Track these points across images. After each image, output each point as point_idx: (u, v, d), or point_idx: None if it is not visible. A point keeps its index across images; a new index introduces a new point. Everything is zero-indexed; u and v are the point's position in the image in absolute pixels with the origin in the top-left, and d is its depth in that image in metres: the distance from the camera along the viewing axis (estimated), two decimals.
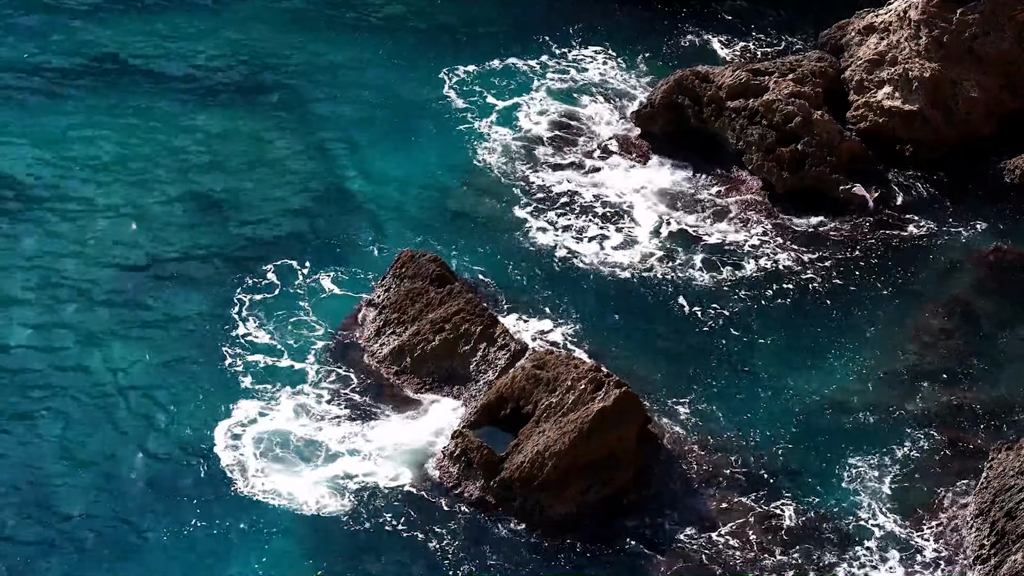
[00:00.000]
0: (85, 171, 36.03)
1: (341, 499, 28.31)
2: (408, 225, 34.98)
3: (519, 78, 39.77)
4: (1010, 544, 26.67)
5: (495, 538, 27.80)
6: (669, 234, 34.85)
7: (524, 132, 37.83)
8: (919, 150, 36.92)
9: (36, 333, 31.58)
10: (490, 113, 38.47)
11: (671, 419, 30.09)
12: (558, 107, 38.70)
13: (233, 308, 32.26)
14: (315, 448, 29.26)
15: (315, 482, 28.59)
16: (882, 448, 29.68)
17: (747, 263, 34.07)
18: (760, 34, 41.63)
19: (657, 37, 41.57)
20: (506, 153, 37.08)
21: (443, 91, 39.28)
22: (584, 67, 40.24)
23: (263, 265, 33.42)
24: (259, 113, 38.39)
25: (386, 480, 28.71)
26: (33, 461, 28.85)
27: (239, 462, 28.84)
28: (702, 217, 35.39)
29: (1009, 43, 36.95)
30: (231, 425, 29.58)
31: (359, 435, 29.54)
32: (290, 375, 30.76)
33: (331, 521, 27.94)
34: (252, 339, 31.51)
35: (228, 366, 30.85)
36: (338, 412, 30.02)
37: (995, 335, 32.23)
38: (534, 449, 28.29)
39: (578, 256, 34.09)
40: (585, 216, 35.26)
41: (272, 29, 41.58)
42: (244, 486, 28.41)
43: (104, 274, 33.11)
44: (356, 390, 30.51)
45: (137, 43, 40.60)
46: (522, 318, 32.24)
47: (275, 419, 29.76)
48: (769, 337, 32.20)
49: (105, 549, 27.33)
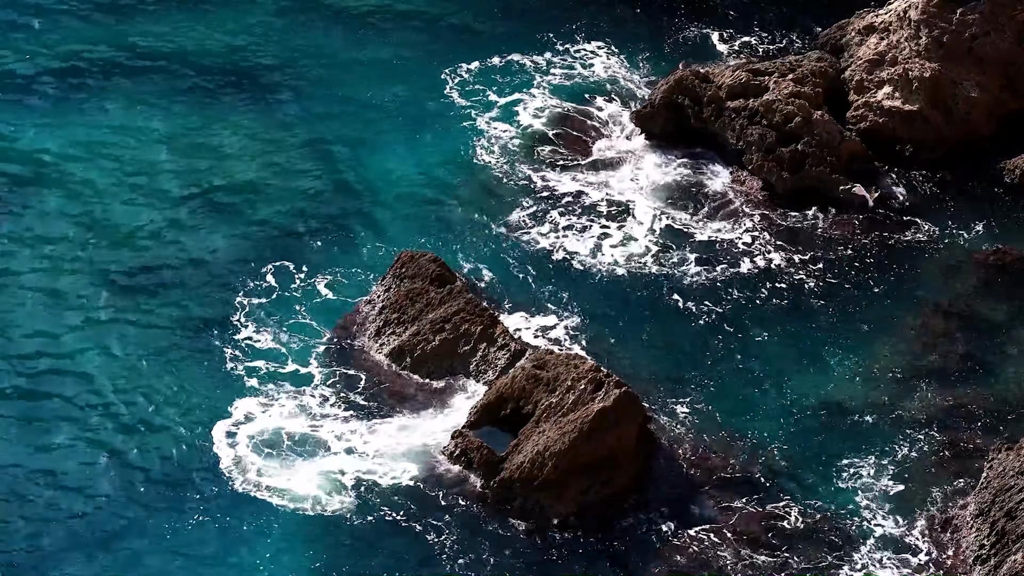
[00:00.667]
0: (84, 171, 36.00)
1: (341, 498, 28.30)
2: (408, 224, 34.96)
3: (520, 75, 39.73)
4: (1010, 544, 26.66)
5: (495, 538, 27.79)
6: (669, 234, 34.83)
7: (524, 130, 37.80)
8: (919, 150, 36.92)
9: (35, 332, 31.54)
10: (490, 110, 38.43)
11: (671, 419, 30.10)
12: (559, 105, 38.65)
13: (233, 308, 32.23)
14: (315, 447, 29.25)
15: (315, 481, 28.58)
16: (882, 448, 29.68)
17: (747, 263, 34.06)
18: (762, 32, 41.59)
19: (658, 34, 41.53)
20: (506, 151, 37.06)
21: (444, 89, 39.21)
22: (585, 65, 40.20)
23: (262, 265, 33.39)
24: (259, 113, 38.34)
25: (386, 480, 28.70)
26: (29, 461, 28.79)
27: (239, 460, 28.84)
28: (702, 217, 35.38)
29: (1009, 43, 36.96)
30: (231, 424, 29.57)
31: (359, 435, 29.53)
32: (290, 375, 30.74)
33: (331, 521, 27.93)
34: (252, 339, 31.49)
35: (228, 366, 30.84)
36: (338, 412, 30.01)
37: (995, 335, 32.23)
38: (534, 449, 28.30)
39: (578, 255, 34.08)
40: (585, 215, 35.24)
41: (272, 28, 41.51)
42: (244, 484, 28.41)
43: (102, 274, 33.05)
44: (356, 390, 30.50)
45: (135, 42, 40.57)
46: (522, 318, 32.23)
47: (275, 419, 29.75)
48: (769, 337, 32.20)
49: (102, 548, 27.30)
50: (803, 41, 41.02)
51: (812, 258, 34.22)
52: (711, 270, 33.83)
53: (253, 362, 30.95)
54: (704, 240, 34.66)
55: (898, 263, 34.14)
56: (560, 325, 32.12)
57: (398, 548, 27.54)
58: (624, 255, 34.17)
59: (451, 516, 28.10)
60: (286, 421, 29.70)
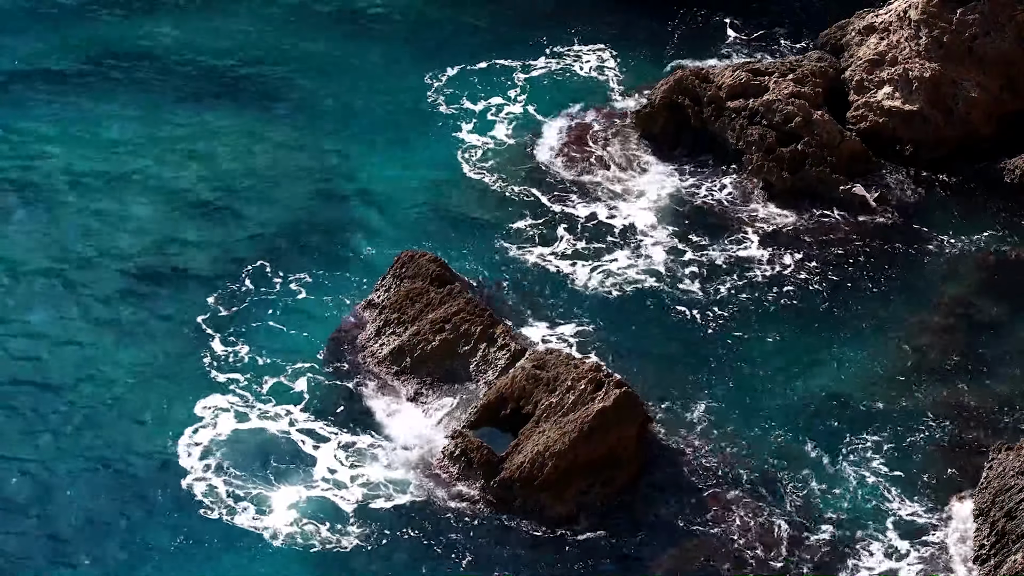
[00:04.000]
0: (72, 172, 36.04)
1: (340, 498, 28.30)
2: (406, 227, 34.95)
3: (518, 78, 39.75)
4: (1010, 544, 26.66)
5: (495, 538, 27.79)
6: (668, 234, 34.84)
7: (522, 133, 37.82)
8: (919, 150, 36.93)
9: (14, 334, 31.53)
10: (488, 114, 38.45)
11: (671, 419, 30.10)
12: (555, 107, 38.68)
13: (230, 309, 32.25)
14: (314, 447, 29.25)
15: (313, 480, 28.58)
16: (882, 448, 29.67)
17: (746, 263, 34.06)
18: (762, 32, 41.61)
19: (657, 34, 41.56)
20: (504, 154, 37.08)
21: (438, 93, 39.22)
22: (583, 66, 40.23)
23: (257, 269, 33.39)
24: (256, 116, 38.38)
25: (385, 480, 28.70)
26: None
27: (237, 459, 28.85)
28: (701, 217, 35.38)
29: (1009, 43, 36.96)
30: (231, 423, 29.57)
31: (359, 435, 29.54)
32: (290, 375, 30.74)
33: (329, 520, 27.92)
34: (252, 340, 31.52)
35: (227, 367, 30.84)
36: (337, 412, 30.02)
37: (995, 335, 32.22)
38: (534, 449, 28.30)
39: (576, 255, 34.08)
40: (584, 215, 35.24)
41: (264, 30, 41.54)
42: (243, 482, 28.42)
43: (96, 274, 33.06)
44: (355, 390, 30.51)
45: (129, 46, 40.62)
46: (522, 318, 32.24)
47: (275, 418, 29.77)
48: (768, 337, 32.20)
49: (72, 562, 27.06)
50: (803, 41, 41.03)
51: (812, 258, 34.22)
52: (711, 270, 33.83)
53: (253, 363, 30.95)
54: (704, 240, 34.66)
55: (898, 263, 34.15)
56: (559, 325, 32.12)
57: (397, 548, 27.53)
58: (621, 254, 34.16)
59: (450, 516, 28.10)
60: (286, 421, 29.71)
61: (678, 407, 30.37)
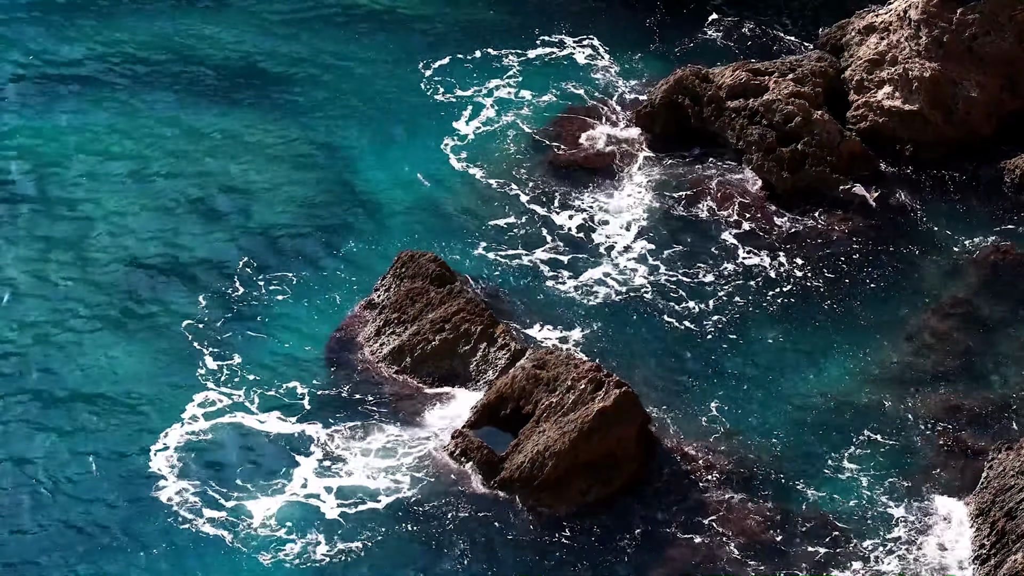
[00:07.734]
0: (74, 170, 36.01)
1: (339, 497, 28.31)
2: (405, 226, 34.90)
3: (516, 76, 39.69)
4: (1010, 544, 26.68)
5: (495, 538, 27.79)
6: (668, 234, 34.83)
7: (520, 131, 37.79)
8: (919, 150, 36.93)
9: (11, 329, 31.55)
10: (488, 114, 38.40)
11: (671, 419, 30.10)
12: (555, 105, 38.66)
13: (229, 309, 32.24)
14: (314, 446, 29.26)
15: (312, 480, 28.58)
16: (882, 448, 29.69)
17: (746, 263, 34.06)
18: (762, 32, 41.60)
19: (657, 34, 41.51)
20: (504, 154, 37.04)
21: (440, 92, 39.14)
22: (583, 64, 40.20)
23: (260, 265, 33.41)
24: (254, 116, 38.30)
25: (385, 479, 28.70)
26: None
27: (235, 457, 28.85)
28: (701, 217, 35.37)
29: (1009, 43, 36.95)
30: (230, 422, 29.58)
31: (358, 434, 29.54)
32: (289, 376, 30.75)
33: (328, 519, 27.92)
34: (250, 340, 31.52)
35: (225, 367, 30.84)
36: (337, 411, 30.02)
37: (995, 335, 32.22)
38: (534, 449, 28.31)
39: (575, 255, 34.07)
40: (584, 215, 35.24)
41: (260, 30, 41.42)
42: (241, 481, 28.42)
43: (92, 274, 33.01)
44: (355, 390, 30.51)
45: (127, 45, 40.57)
46: (522, 318, 32.24)
47: (275, 417, 29.77)
48: (768, 337, 32.20)
49: (52, 564, 26.97)
50: (803, 41, 41.00)
51: (812, 258, 34.21)
52: (710, 270, 33.83)
53: (251, 363, 30.95)
54: (703, 240, 34.66)
55: (898, 263, 34.14)
56: (559, 326, 32.11)
57: (396, 548, 27.54)
58: (621, 254, 34.16)
59: (450, 516, 28.10)
60: (285, 421, 29.72)
61: (678, 407, 30.38)
